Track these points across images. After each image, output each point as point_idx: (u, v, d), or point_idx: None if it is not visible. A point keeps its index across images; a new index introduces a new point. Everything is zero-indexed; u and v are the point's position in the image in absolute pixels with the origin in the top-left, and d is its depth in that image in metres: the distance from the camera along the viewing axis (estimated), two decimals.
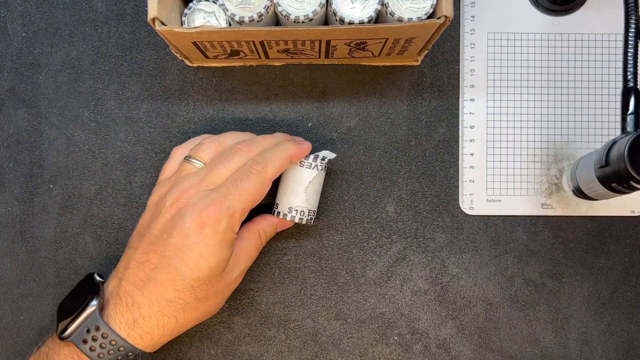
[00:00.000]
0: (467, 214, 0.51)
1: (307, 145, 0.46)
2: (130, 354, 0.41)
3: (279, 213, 0.47)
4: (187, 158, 0.46)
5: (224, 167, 0.44)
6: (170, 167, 0.47)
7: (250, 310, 0.51)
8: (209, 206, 0.41)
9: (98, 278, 0.44)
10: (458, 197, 0.51)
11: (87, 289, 0.43)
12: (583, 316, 0.51)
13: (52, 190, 0.51)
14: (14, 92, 0.51)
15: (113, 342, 0.41)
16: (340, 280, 0.51)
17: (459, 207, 0.51)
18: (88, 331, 0.41)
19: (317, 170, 0.47)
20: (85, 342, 0.41)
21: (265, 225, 0.47)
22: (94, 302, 0.41)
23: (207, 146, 0.45)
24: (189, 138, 0.51)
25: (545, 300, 0.51)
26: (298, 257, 0.51)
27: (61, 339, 0.41)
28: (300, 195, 0.47)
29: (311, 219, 0.48)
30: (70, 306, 0.42)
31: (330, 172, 0.51)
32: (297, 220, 0.47)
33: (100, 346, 0.41)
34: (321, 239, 0.51)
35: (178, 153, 0.47)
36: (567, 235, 0.51)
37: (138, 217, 0.51)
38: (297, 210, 0.47)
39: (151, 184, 0.51)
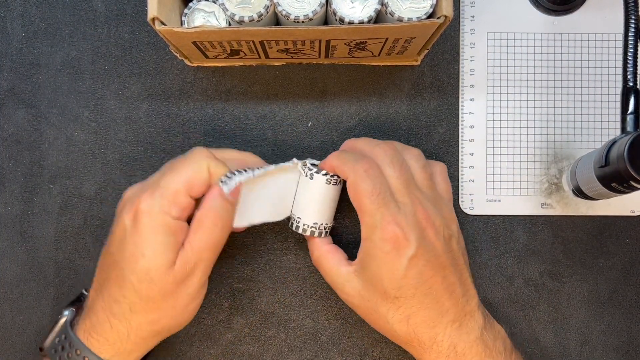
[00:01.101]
0: (467, 214, 0.51)
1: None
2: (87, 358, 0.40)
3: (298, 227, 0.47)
4: None
5: (168, 163, 0.43)
6: None
7: (250, 310, 0.51)
8: (141, 194, 0.40)
9: (85, 292, 0.44)
10: (458, 196, 0.51)
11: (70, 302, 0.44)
12: (583, 316, 0.51)
13: (52, 190, 0.51)
14: (14, 92, 0.51)
15: (78, 352, 0.40)
16: None
17: (459, 207, 0.51)
18: (59, 342, 0.40)
19: (306, 177, 0.46)
20: (55, 351, 0.40)
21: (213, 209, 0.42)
22: (66, 312, 0.42)
23: None
24: (189, 138, 0.51)
25: (545, 300, 0.51)
26: (298, 256, 0.51)
27: (40, 350, 0.41)
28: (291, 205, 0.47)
29: (294, 224, 0.47)
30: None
31: None
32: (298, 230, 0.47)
33: (67, 356, 0.40)
34: None
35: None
36: (567, 235, 0.51)
37: None
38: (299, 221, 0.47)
39: None
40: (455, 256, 0.43)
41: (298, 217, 0.46)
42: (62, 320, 0.42)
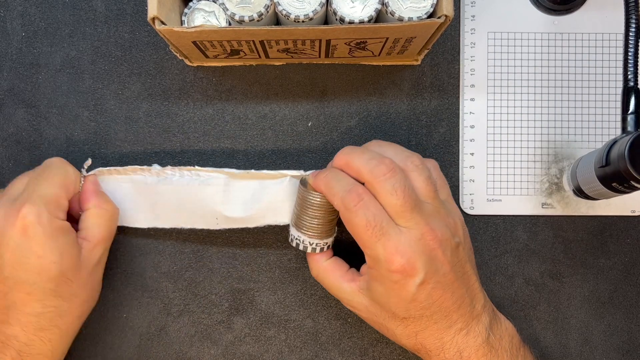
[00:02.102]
0: (468, 214, 0.51)
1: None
2: None
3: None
4: None
5: (21, 178, 0.44)
6: None
7: (250, 310, 0.51)
8: (20, 207, 0.40)
9: None
10: (458, 196, 0.51)
11: None
12: (583, 316, 0.51)
13: None
14: (13, 92, 0.51)
15: None
16: None
17: (460, 207, 0.51)
18: None
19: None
20: None
21: (98, 198, 0.46)
22: None
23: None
24: (188, 138, 0.51)
25: (545, 300, 0.51)
26: (298, 257, 0.51)
27: None
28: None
29: (294, 241, 0.46)
30: None
31: None
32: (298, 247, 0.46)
33: None
34: None
35: None
36: (568, 235, 0.51)
37: None
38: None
39: None
40: (462, 265, 0.42)
41: (297, 234, 0.45)
42: None
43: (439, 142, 0.51)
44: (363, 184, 0.41)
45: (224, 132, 0.51)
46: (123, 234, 0.51)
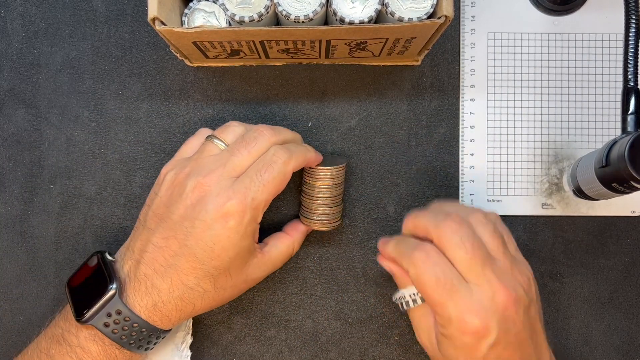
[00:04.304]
0: None
1: (320, 157, 0.47)
2: (151, 334, 0.42)
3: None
4: (209, 137, 0.45)
5: (247, 152, 0.43)
6: (193, 143, 0.46)
7: (250, 310, 0.51)
8: (232, 197, 0.41)
9: (109, 257, 0.44)
10: (458, 197, 0.51)
11: (99, 269, 0.43)
12: (583, 316, 0.51)
13: (52, 190, 0.51)
14: (14, 92, 0.51)
15: (135, 325, 0.41)
16: (341, 280, 0.51)
17: None
18: (109, 315, 0.41)
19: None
20: (106, 325, 0.41)
21: (298, 236, 0.48)
22: (114, 286, 0.41)
23: (232, 129, 0.45)
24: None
25: (545, 300, 0.51)
26: (298, 257, 0.51)
27: (81, 322, 0.41)
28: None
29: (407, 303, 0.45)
30: (85, 288, 0.42)
31: None
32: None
33: (122, 328, 0.41)
34: (321, 239, 0.51)
35: (203, 132, 0.47)
36: (568, 235, 0.51)
37: (138, 217, 0.51)
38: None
39: (151, 184, 0.51)
40: (532, 322, 0.40)
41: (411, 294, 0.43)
42: (111, 293, 0.41)
43: (439, 143, 0.52)
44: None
45: None
46: (123, 233, 0.51)
